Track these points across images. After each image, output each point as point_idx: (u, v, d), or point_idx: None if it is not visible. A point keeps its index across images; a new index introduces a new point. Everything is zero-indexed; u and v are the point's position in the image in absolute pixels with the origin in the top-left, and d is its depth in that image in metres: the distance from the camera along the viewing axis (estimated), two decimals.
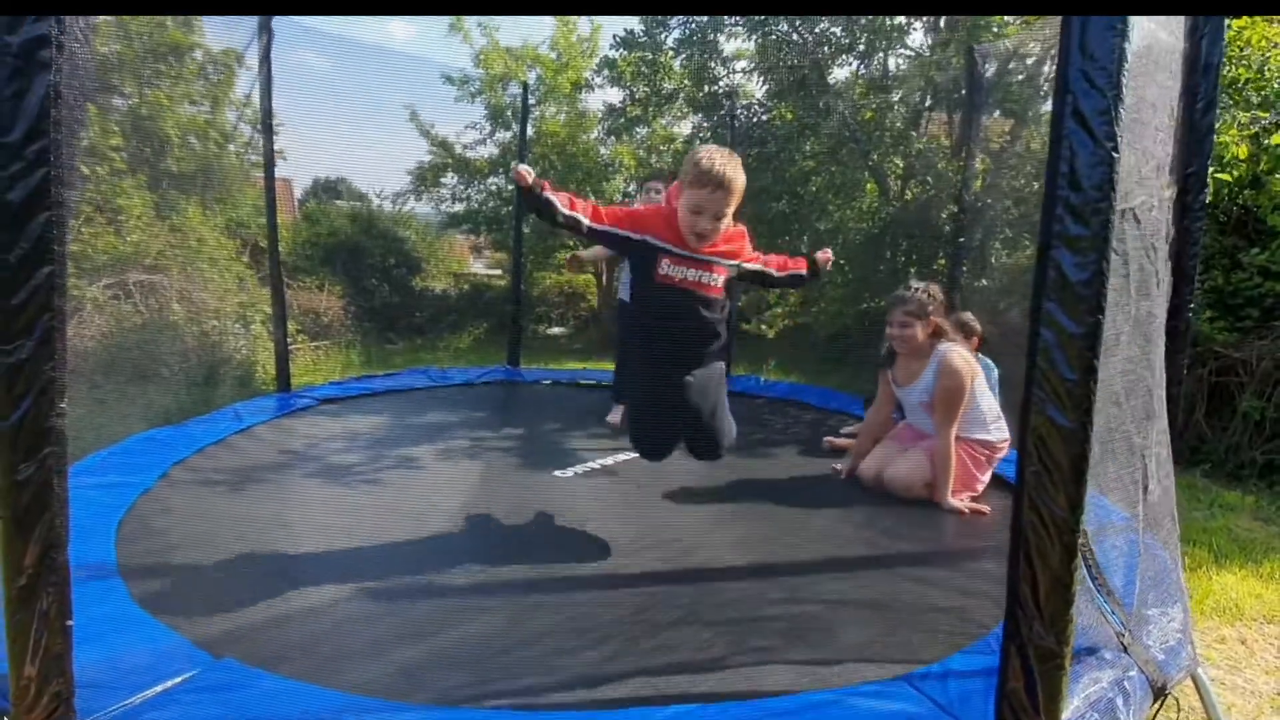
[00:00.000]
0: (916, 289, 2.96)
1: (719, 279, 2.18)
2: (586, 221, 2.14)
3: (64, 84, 1.18)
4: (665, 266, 2.15)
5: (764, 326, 7.31)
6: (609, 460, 3.30)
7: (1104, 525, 1.77)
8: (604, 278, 8.26)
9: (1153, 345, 1.75)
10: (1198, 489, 3.78)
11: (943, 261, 5.07)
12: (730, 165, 2.10)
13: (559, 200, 2.12)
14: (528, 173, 2.09)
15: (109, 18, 4.48)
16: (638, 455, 2.43)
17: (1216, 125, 3.73)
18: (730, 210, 2.13)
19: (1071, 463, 1.10)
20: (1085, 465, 1.10)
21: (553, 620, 1.96)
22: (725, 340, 2.28)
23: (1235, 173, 3.90)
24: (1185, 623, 1.83)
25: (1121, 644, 1.55)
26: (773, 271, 2.34)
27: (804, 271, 2.41)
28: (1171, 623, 1.78)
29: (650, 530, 2.57)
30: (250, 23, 4.10)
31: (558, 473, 3.07)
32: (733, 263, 2.22)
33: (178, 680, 1.57)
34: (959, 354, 2.89)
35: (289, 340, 4.58)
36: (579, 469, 3.16)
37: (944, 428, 2.85)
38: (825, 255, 2.48)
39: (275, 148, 4.35)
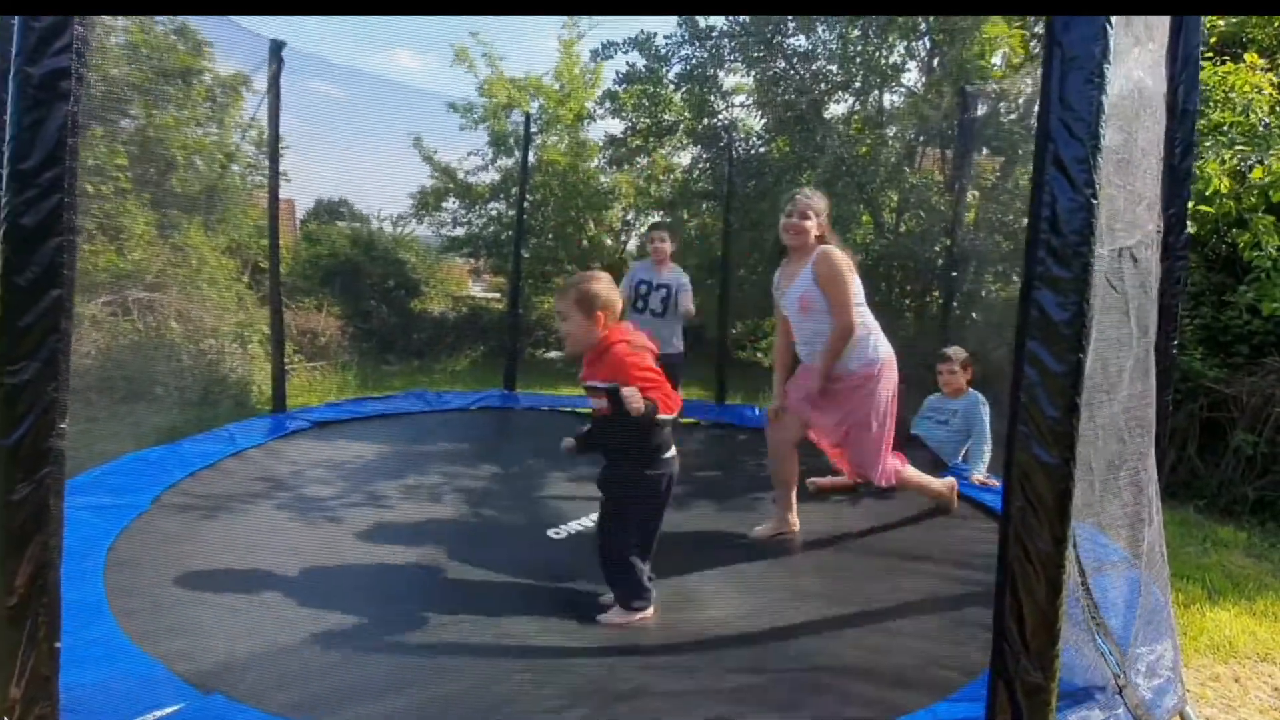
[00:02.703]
0: (805, 194, 2.96)
1: (603, 400, 2.27)
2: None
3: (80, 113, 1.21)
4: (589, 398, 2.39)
5: (759, 354, 7.35)
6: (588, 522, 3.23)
7: (1103, 563, 1.78)
8: None
9: (1149, 381, 1.77)
10: (1191, 524, 3.78)
11: (936, 294, 5.14)
12: (571, 278, 2.31)
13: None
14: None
15: (121, 41, 4.57)
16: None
17: (1200, 163, 3.83)
18: (564, 313, 2.29)
19: (1056, 498, 1.12)
20: (1070, 501, 1.12)
21: (533, 678, 1.92)
22: (625, 449, 2.30)
23: (1221, 208, 3.98)
24: (1175, 660, 1.83)
25: (1117, 685, 1.55)
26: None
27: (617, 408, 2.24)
28: (1161, 660, 1.78)
29: None
30: (259, 49, 4.18)
31: (550, 532, 2.95)
32: (609, 384, 2.26)
33: (164, 713, 1.55)
34: (834, 250, 2.87)
35: (285, 360, 4.58)
36: (573, 526, 3.02)
37: (843, 312, 2.76)
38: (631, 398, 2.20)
39: (280, 170, 4.41)
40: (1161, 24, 1.79)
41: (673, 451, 2.39)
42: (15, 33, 1.18)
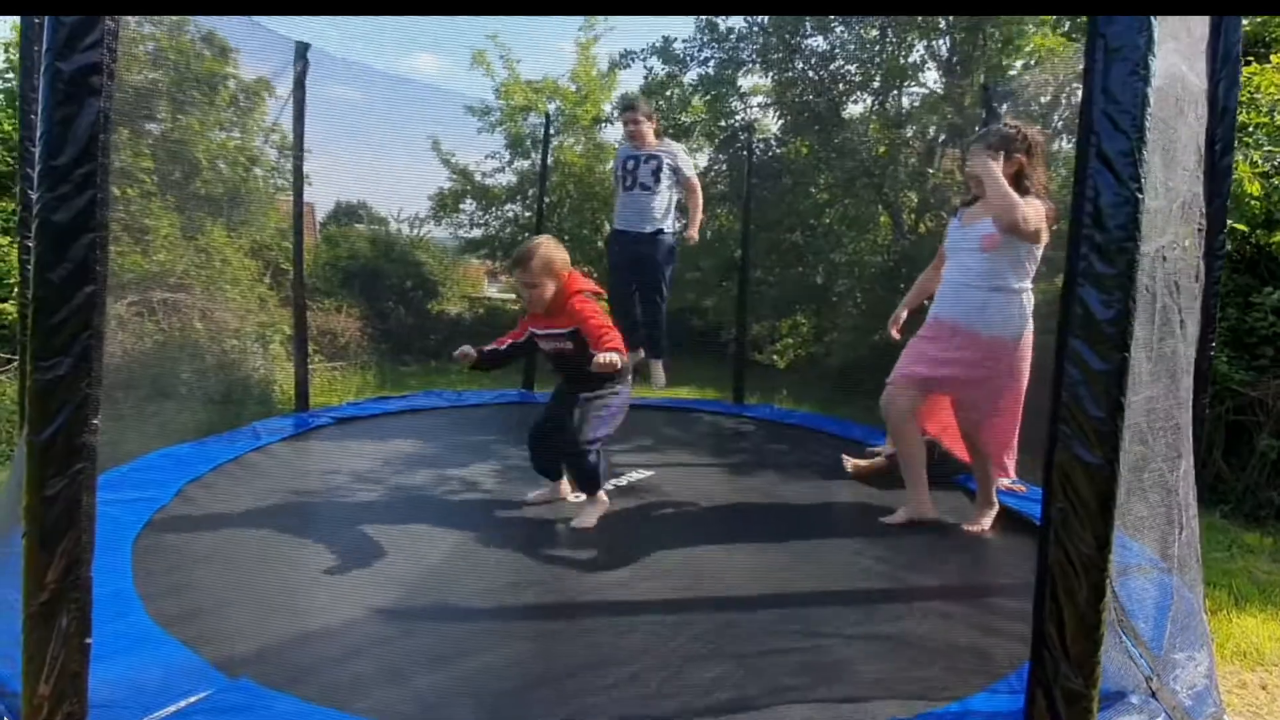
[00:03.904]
0: (1006, 124, 2.65)
1: (568, 343, 2.75)
2: (508, 344, 2.88)
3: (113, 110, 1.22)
4: (540, 343, 2.85)
5: (775, 357, 7.30)
6: (623, 481, 3.27)
7: (1127, 566, 1.74)
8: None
9: (1178, 383, 1.74)
10: (1216, 529, 3.72)
11: None
12: (533, 244, 2.70)
13: (500, 348, 2.87)
14: (468, 353, 2.76)
15: (150, 49, 4.63)
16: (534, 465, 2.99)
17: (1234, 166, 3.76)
18: (536, 281, 2.66)
19: (1099, 500, 1.09)
20: (1113, 503, 1.09)
21: (566, 652, 1.94)
22: (589, 375, 2.67)
23: (1249, 209, 3.90)
24: (1211, 668, 1.79)
25: (1150, 689, 1.52)
26: (585, 340, 2.70)
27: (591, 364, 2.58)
28: (1198, 667, 1.74)
29: (664, 561, 2.55)
30: (284, 52, 4.22)
31: (572, 497, 3.05)
32: (570, 330, 2.73)
33: (191, 700, 1.57)
34: (1038, 202, 2.54)
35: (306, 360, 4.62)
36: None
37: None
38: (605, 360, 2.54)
39: (302, 172, 4.45)
40: (1199, 19, 1.76)
41: (629, 379, 2.87)
42: (46, 28, 1.18)
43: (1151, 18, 1.06)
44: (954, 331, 2.69)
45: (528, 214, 7.66)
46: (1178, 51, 1.49)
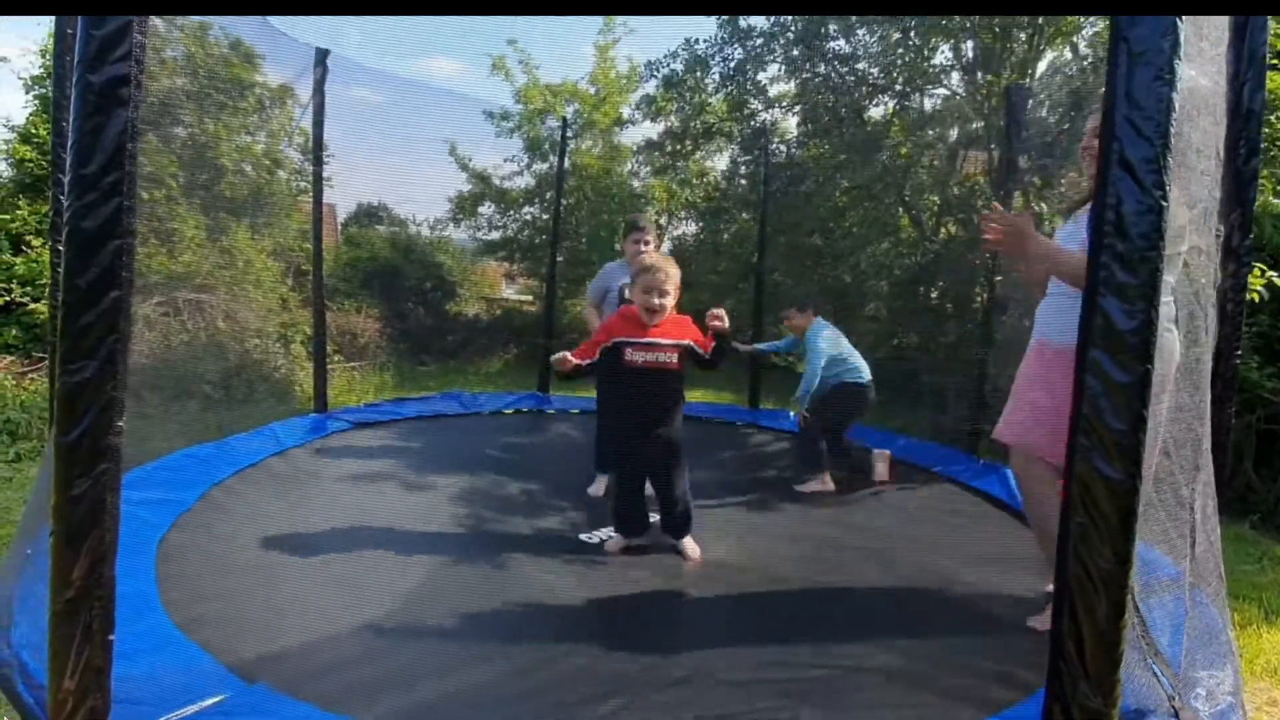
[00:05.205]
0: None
1: (674, 356, 2.69)
2: (587, 363, 2.73)
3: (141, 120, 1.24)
4: (630, 354, 2.67)
5: (792, 358, 7.26)
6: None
7: (1150, 581, 1.71)
8: None
9: (1201, 393, 1.70)
10: (1246, 541, 3.62)
11: (980, 300, 5.01)
12: (664, 259, 2.72)
13: (581, 363, 2.72)
14: (566, 359, 2.66)
15: (178, 54, 4.73)
16: (619, 532, 2.80)
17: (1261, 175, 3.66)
18: (670, 289, 2.65)
19: (1120, 515, 1.07)
20: (1134, 518, 1.07)
21: (572, 667, 1.94)
22: (675, 392, 2.74)
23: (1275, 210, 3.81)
24: (1236, 684, 1.74)
25: (1172, 707, 1.48)
26: (700, 352, 2.73)
27: (708, 355, 2.71)
28: (1222, 685, 1.70)
29: (670, 580, 2.53)
30: (305, 57, 4.28)
31: (583, 536, 2.92)
32: (684, 342, 2.71)
33: (208, 703, 1.59)
34: None
35: (326, 360, 4.67)
36: (604, 532, 2.97)
37: None
38: (718, 322, 2.64)
39: (323, 175, 4.50)
40: (1218, 23, 1.72)
41: None
42: (77, 41, 1.21)
43: (1177, 20, 1.04)
44: (1055, 354, 2.15)
45: (545, 216, 7.70)
46: (1190, 57, 1.46)
